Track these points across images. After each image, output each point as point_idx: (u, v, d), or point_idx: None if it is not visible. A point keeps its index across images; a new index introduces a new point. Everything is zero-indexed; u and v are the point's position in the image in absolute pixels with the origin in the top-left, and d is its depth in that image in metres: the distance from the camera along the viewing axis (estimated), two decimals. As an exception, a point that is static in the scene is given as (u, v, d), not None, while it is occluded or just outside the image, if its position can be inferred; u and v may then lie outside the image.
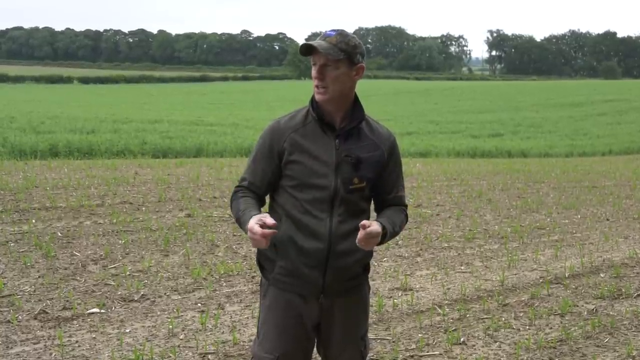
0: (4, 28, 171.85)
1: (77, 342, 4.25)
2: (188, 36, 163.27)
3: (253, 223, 2.35)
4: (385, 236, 2.47)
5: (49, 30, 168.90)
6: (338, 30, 2.48)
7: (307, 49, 2.46)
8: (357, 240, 2.39)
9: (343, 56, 2.44)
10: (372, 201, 2.69)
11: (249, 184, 2.62)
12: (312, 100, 2.55)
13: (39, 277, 5.49)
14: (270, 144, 2.55)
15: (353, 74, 2.50)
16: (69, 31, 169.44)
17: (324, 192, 2.50)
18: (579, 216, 9.84)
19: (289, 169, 2.52)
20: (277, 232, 2.44)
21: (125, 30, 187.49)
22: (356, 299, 2.66)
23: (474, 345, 4.54)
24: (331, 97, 2.48)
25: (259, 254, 2.65)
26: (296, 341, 2.60)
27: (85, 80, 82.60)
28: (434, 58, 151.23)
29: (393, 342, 4.52)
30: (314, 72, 2.49)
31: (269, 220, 2.36)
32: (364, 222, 2.39)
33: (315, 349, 2.75)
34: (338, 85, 2.47)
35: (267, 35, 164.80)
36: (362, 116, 2.57)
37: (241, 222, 2.49)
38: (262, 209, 2.59)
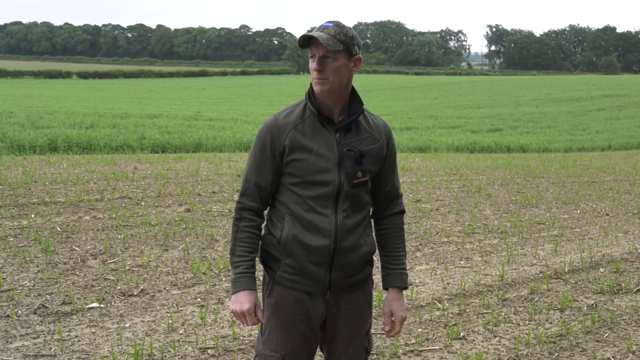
0: (2, 23, 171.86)
1: (76, 336, 4.25)
2: (187, 31, 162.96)
3: (250, 309, 2.48)
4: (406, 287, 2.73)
5: (47, 25, 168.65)
6: (334, 21, 2.44)
7: (307, 40, 2.42)
8: (394, 334, 2.72)
9: (342, 47, 2.40)
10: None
11: (259, 189, 2.53)
12: (310, 94, 2.50)
13: (39, 271, 5.49)
14: (271, 143, 2.48)
15: (351, 65, 2.46)
16: (67, 26, 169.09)
17: (328, 188, 2.46)
18: (579, 211, 9.84)
19: (290, 167, 2.47)
20: (282, 231, 2.48)
21: (124, 25, 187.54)
22: (361, 294, 2.64)
23: (473, 340, 4.55)
24: (331, 88, 2.43)
25: (262, 252, 2.60)
26: (302, 339, 2.57)
27: (84, 75, 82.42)
28: (433, 53, 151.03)
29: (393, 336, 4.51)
30: (313, 64, 2.43)
31: (260, 317, 2.52)
32: (389, 324, 2.68)
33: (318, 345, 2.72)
34: (337, 76, 2.43)
35: (266, 30, 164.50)
36: (361, 109, 2.53)
37: (232, 268, 2.54)
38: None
